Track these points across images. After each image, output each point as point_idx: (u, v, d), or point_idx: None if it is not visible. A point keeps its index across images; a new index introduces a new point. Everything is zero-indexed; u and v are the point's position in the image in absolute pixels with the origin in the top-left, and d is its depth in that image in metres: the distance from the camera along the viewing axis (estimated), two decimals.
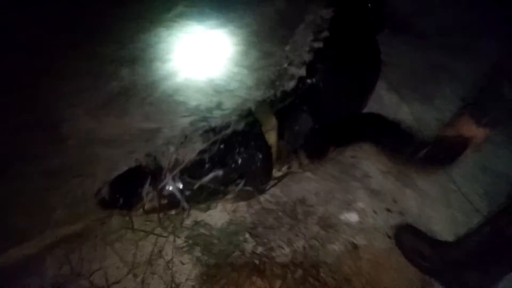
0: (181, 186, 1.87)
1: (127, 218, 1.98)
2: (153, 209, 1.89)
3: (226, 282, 1.83)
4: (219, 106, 2.66)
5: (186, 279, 1.84)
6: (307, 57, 2.19)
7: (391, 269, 1.93)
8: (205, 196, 1.94)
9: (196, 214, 2.05)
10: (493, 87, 1.42)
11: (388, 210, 2.14)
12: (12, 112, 2.52)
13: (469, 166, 2.34)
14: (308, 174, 2.29)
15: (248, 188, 2.02)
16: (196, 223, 2.02)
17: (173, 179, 1.86)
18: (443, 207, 2.18)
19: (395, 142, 2.21)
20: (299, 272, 1.88)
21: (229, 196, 2.04)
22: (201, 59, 3.04)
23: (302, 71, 2.15)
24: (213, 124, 2.02)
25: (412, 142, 2.16)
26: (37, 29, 3.08)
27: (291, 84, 2.15)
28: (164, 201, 1.88)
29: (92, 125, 2.48)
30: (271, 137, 2.05)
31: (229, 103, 2.67)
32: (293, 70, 2.18)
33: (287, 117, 2.11)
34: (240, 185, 1.98)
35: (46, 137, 2.38)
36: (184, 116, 2.58)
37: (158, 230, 1.98)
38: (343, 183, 2.25)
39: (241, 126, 2.01)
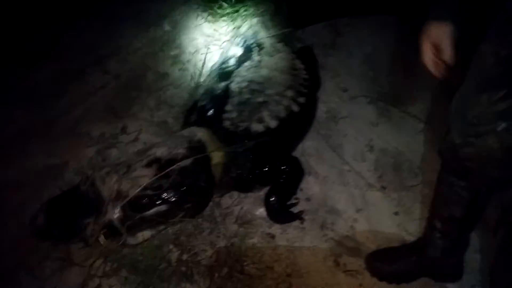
0: (122, 217, 1.83)
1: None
2: (91, 239, 1.85)
3: None
4: (124, 130, 2.73)
5: None
6: (283, 113, 2.28)
7: (306, 250, 2.14)
8: (144, 227, 1.95)
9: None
10: None
11: (296, 198, 2.36)
12: None
13: (357, 148, 2.66)
14: None
15: (185, 219, 2.05)
16: (119, 245, 2.05)
17: (115, 210, 1.82)
18: (341, 187, 2.45)
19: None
20: (225, 270, 2.01)
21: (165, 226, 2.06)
22: (95, 89, 3.07)
23: (273, 123, 2.24)
24: (158, 154, 1.96)
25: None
26: None
27: (257, 127, 2.22)
28: (104, 231, 1.84)
29: None
30: (217, 171, 2.10)
31: (133, 127, 2.76)
32: (265, 115, 2.24)
33: (236, 156, 2.15)
34: (179, 217, 1.99)
35: None
36: (89, 146, 2.61)
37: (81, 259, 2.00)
38: None
39: (188, 161, 1.96)
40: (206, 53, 3.15)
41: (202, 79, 2.99)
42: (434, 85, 2.78)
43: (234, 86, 2.43)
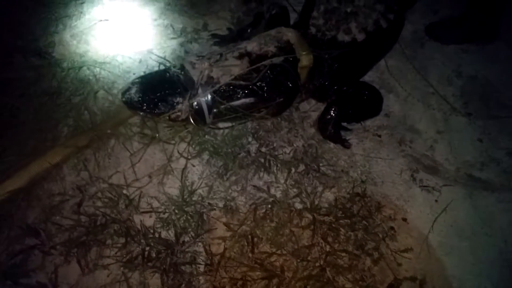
0: (211, 102, 1.86)
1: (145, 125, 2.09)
2: (178, 119, 1.90)
3: (236, 178, 1.98)
4: (205, 27, 2.72)
5: (199, 178, 1.97)
6: (371, 27, 2.15)
7: (381, 160, 2.13)
8: (228, 117, 1.96)
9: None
10: None
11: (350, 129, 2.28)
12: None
13: (443, 72, 2.54)
14: None
15: (267, 116, 2.07)
16: (202, 129, 2.10)
17: (205, 94, 1.84)
18: (423, 108, 2.38)
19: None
20: (301, 166, 2.05)
21: (247, 119, 2.08)
22: None
23: (360, 36, 2.13)
24: (249, 49, 1.95)
25: None
26: None
27: (344, 37, 2.13)
28: (191, 113, 1.88)
29: (83, 48, 2.49)
30: (303, 75, 2.06)
31: (214, 25, 2.74)
32: (353, 27, 2.14)
33: (322, 62, 2.09)
34: (262, 113, 2.01)
35: (40, 61, 2.38)
36: (173, 38, 2.63)
37: (167, 137, 2.08)
38: None
39: (279, 59, 1.95)
40: None
41: None
42: None
43: None
